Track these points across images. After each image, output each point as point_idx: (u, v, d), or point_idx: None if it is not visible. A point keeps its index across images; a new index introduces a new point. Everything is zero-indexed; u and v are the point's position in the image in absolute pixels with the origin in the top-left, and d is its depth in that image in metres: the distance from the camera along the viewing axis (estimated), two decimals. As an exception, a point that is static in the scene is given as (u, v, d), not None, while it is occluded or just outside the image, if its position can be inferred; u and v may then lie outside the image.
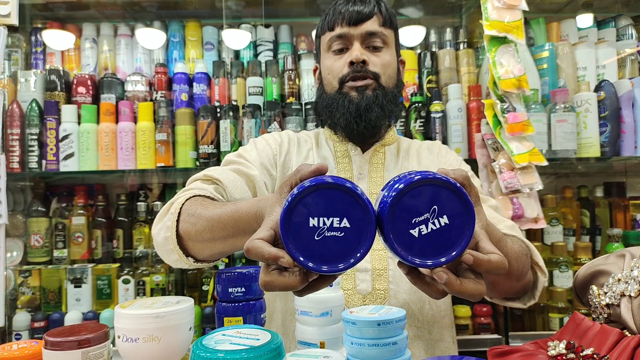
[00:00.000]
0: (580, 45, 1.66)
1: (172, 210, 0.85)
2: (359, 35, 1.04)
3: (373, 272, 0.98)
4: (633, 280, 0.66)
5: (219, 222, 0.78)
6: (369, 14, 1.04)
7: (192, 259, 0.85)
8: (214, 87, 1.68)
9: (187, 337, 0.65)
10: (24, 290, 1.60)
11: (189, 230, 0.82)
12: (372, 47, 1.05)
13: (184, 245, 0.84)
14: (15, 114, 1.58)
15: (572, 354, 0.62)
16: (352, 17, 1.03)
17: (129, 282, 1.59)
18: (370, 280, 0.98)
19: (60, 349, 0.59)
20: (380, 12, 1.05)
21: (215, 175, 0.94)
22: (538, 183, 1.41)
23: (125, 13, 1.85)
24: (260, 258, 0.50)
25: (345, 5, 1.05)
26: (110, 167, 1.59)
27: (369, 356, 0.60)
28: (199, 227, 0.80)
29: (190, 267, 0.87)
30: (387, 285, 0.98)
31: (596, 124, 1.57)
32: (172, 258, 0.87)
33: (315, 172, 0.54)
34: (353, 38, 1.04)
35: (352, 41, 1.05)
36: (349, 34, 1.04)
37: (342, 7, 1.05)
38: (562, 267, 1.57)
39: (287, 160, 1.09)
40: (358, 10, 1.03)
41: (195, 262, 0.86)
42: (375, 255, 1.00)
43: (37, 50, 1.74)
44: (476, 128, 1.56)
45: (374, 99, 1.02)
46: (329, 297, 0.72)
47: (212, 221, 0.79)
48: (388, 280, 0.98)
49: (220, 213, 0.78)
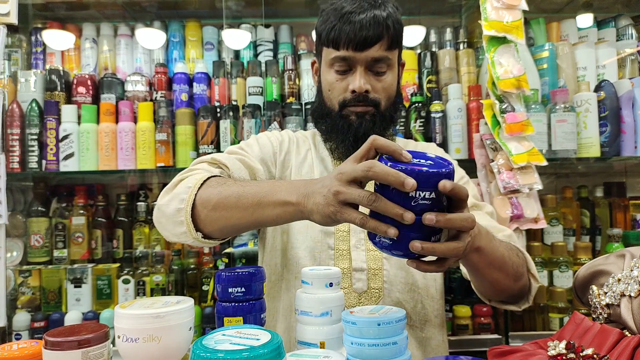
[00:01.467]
0: (580, 45, 1.66)
1: (190, 184, 0.86)
2: (363, 60, 1.00)
3: (368, 272, 1.01)
4: (633, 280, 0.66)
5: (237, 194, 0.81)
6: (377, 39, 0.98)
7: (200, 234, 0.86)
8: (214, 87, 1.68)
9: (187, 337, 0.65)
10: (24, 290, 1.60)
11: (211, 198, 0.83)
12: (375, 71, 1.02)
13: (196, 219, 0.85)
14: (15, 114, 1.58)
15: (572, 354, 0.62)
16: (358, 43, 0.98)
17: (129, 282, 1.59)
18: (366, 280, 1.00)
19: (60, 349, 0.59)
20: (389, 34, 0.99)
21: (223, 160, 0.95)
22: (537, 183, 1.41)
23: (125, 13, 1.85)
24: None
25: (352, 25, 0.97)
26: (110, 167, 1.59)
27: (369, 356, 0.60)
28: (224, 193, 0.82)
29: (195, 242, 0.87)
30: (381, 285, 1.00)
31: (596, 124, 1.57)
32: (177, 230, 0.86)
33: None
34: (357, 63, 1.00)
35: (356, 65, 1.01)
36: (353, 58, 1.00)
37: (348, 26, 0.97)
38: (562, 267, 1.57)
39: (286, 159, 1.10)
40: (365, 36, 0.97)
41: (202, 238, 0.86)
42: (370, 255, 1.02)
43: (37, 50, 1.74)
44: (476, 128, 1.56)
45: (372, 126, 1.02)
46: (329, 297, 0.72)
47: (242, 186, 0.82)
48: (382, 280, 1.01)
49: (247, 184, 0.83)
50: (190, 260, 1.69)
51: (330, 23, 1.01)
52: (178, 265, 1.66)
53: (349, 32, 0.98)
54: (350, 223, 0.66)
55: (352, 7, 0.99)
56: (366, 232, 0.92)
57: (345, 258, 1.01)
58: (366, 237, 1.02)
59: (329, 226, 0.86)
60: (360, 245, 1.02)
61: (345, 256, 1.01)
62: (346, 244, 1.02)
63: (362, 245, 1.02)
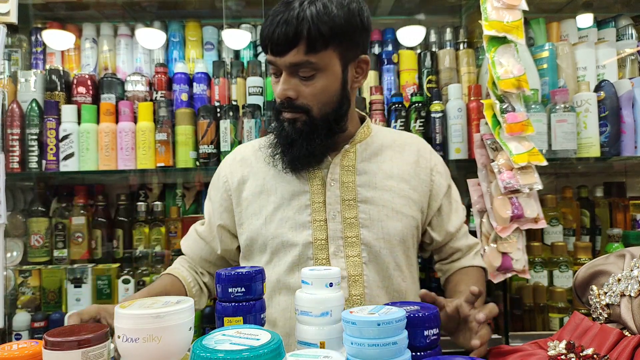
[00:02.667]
0: (580, 45, 1.66)
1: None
2: (285, 65, 0.95)
3: (349, 279, 1.01)
4: (633, 280, 0.66)
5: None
6: (292, 43, 0.92)
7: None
8: (214, 87, 1.68)
9: (187, 337, 0.65)
10: (24, 290, 1.60)
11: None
12: (302, 76, 0.96)
13: None
14: (15, 114, 1.58)
15: (572, 354, 0.62)
16: (275, 48, 0.94)
17: (129, 282, 1.59)
18: (347, 287, 1.00)
19: (60, 349, 0.59)
20: (308, 37, 0.91)
21: (183, 250, 1.19)
22: (538, 183, 1.41)
23: (125, 13, 1.85)
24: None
25: (270, 26, 0.93)
26: (110, 167, 1.59)
27: (369, 356, 0.60)
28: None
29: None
30: (362, 291, 1.01)
31: (596, 124, 1.57)
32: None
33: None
34: (280, 67, 0.96)
35: (280, 69, 0.97)
36: (276, 62, 0.96)
37: (267, 28, 0.94)
38: (562, 267, 1.57)
39: (240, 189, 1.10)
40: (277, 39, 0.92)
41: None
42: (350, 262, 1.01)
43: (37, 50, 1.74)
44: (476, 128, 1.56)
45: (306, 132, 0.98)
46: (329, 297, 0.72)
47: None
48: (363, 286, 1.01)
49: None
50: (190, 260, 1.69)
51: (263, 27, 0.97)
52: (178, 265, 1.66)
53: (266, 36, 0.94)
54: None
55: (280, 6, 0.94)
56: (344, 238, 1.02)
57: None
58: (345, 245, 1.02)
59: None
60: (339, 253, 1.01)
61: (325, 265, 1.01)
62: (325, 253, 1.01)
63: (341, 252, 1.01)
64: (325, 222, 1.02)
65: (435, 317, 0.70)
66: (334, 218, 1.02)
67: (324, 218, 1.02)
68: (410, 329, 0.66)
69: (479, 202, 1.49)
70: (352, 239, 1.02)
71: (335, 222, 1.02)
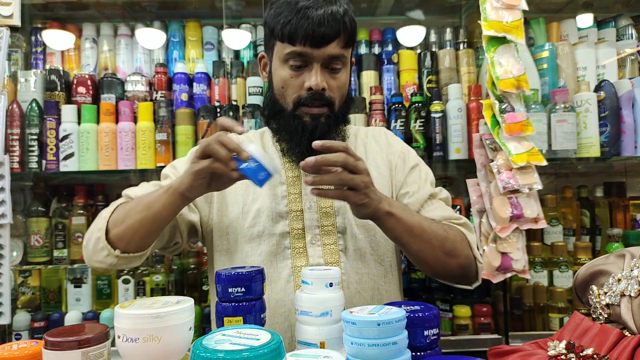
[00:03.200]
0: (580, 45, 1.66)
1: (103, 216, 0.97)
2: (321, 57, 0.98)
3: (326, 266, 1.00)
4: (633, 280, 0.66)
5: (136, 203, 0.94)
6: (334, 36, 0.96)
7: (118, 251, 0.94)
8: (214, 87, 1.68)
9: (187, 337, 0.65)
10: (24, 290, 1.60)
11: (118, 216, 0.95)
12: (331, 68, 1.00)
13: (111, 241, 0.94)
14: (15, 114, 1.58)
15: (572, 354, 0.62)
16: (315, 39, 0.95)
17: (129, 282, 1.59)
18: None
19: (60, 349, 0.59)
20: (346, 32, 0.98)
21: (132, 195, 1.04)
22: (537, 183, 1.41)
23: (125, 13, 1.85)
24: (224, 144, 0.83)
25: (310, 20, 0.94)
26: (110, 167, 1.59)
27: (369, 356, 0.60)
28: (127, 207, 0.95)
29: (118, 261, 0.95)
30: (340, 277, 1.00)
31: (596, 124, 1.57)
32: (101, 256, 0.95)
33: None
34: (313, 59, 0.98)
35: (312, 62, 0.98)
36: (310, 54, 0.97)
37: (305, 21, 0.95)
38: (562, 267, 1.57)
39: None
40: (324, 32, 0.95)
41: (122, 253, 0.94)
42: (326, 249, 1.02)
43: (37, 50, 1.74)
44: (476, 128, 1.55)
45: (327, 128, 1.01)
46: (329, 297, 0.72)
47: (130, 208, 0.94)
48: (340, 273, 0.99)
49: (136, 202, 0.95)
50: (190, 260, 1.69)
51: (285, 17, 0.97)
52: (178, 265, 1.67)
53: (307, 28, 0.95)
54: (206, 170, 0.84)
55: (307, 2, 0.96)
56: (321, 227, 1.03)
57: (302, 256, 1.01)
58: (321, 233, 1.03)
59: (197, 194, 0.91)
60: (315, 241, 1.02)
61: (302, 254, 1.01)
62: (302, 242, 1.02)
63: (318, 241, 1.02)
64: (302, 212, 1.04)
65: (435, 317, 0.70)
66: (309, 208, 1.04)
67: (301, 208, 1.04)
68: (410, 329, 0.66)
69: (478, 202, 1.49)
70: (328, 227, 1.03)
71: (311, 212, 1.04)
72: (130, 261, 0.97)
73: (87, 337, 0.61)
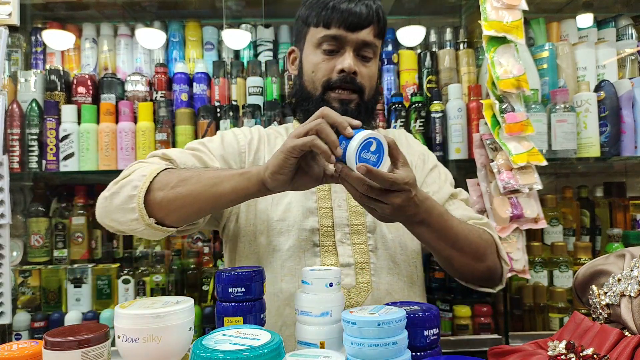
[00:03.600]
0: (580, 45, 1.66)
1: (145, 173, 0.86)
2: (354, 41, 1.00)
3: (356, 267, 0.99)
4: (633, 280, 0.66)
5: (197, 174, 0.85)
6: (369, 22, 1.00)
7: (153, 220, 0.85)
8: (214, 87, 1.68)
9: (187, 337, 0.65)
10: (24, 290, 1.60)
11: (170, 180, 0.84)
12: (362, 56, 1.02)
13: (149, 205, 0.84)
14: (15, 114, 1.58)
15: (572, 354, 0.62)
16: (352, 22, 0.99)
17: (129, 282, 1.59)
18: (354, 275, 0.99)
19: (60, 349, 0.59)
20: (378, 22, 1.02)
21: (173, 156, 0.95)
22: (537, 183, 1.41)
23: (125, 13, 1.85)
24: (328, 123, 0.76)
25: (347, 3, 0.99)
26: (110, 167, 1.59)
27: (369, 356, 0.60)
28: (185, 175, 0.85)
29: (147, 230, 0.86)
30: (369, 278, 0.99)
31: (596, 124, 1.57)
32: (127, 217, 0.85)
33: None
34: (347, 43, 1.00)
35: (345, 46, 1.01)
36: (345, 38, 1.00)
37: (343, 5, 0.99)
38: (562, 267, 1.57)
39: (256, 158, 1.07)
40: (359, 14, 0.99)
41: (155, 223, 0.85)
42: (356, 249, 1.01)
43: (37, 50, 1.74)
44: (476, 128, 1.55)
45: (356, 115, 0.99)
46: (329, 297, 0.72)
47: (189, 176, 0.84)
48: (370, 274, 1.00)
49: (199, 171, 0.86)
50: (190, 260, 1.69)
51: (320, 6, 1.01)
52: (178, 265, 1.67)
53: (343, 11, 0.98)
54: (299, 148, 0.75)
55: None
56: (350, 226, 1.00)
57: (331, 254, 1.00)
58: (351, 232, 1.01)
59: (279, 183, 0.80)
60: (345, 240, 1.00)
61: (331, 252, 1.00)
62: (331, 240, 1.00)
63: (348, 240, 1.00)
64: (331, 210, 1.02)
65: (435, 317, 0.70)
66: (339, 206, 1.02)
67: (330, 206, 1.02)
68: (410, 329, 0.66)
69: (478, 202, 1.49)
70: (358, 226, 1.02)
71: (341, 210, 1.02)
72: (155, 234, 0.88)
73: (87, 337, 0.61)
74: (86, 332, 0.62)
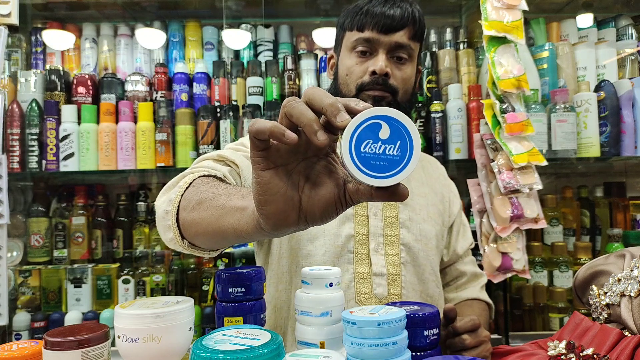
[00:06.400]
0: (580, 45, 1.66)
1: (181, 183, 0.76)
2: (387, 44, 1.00)
3: (388, 277, 0.99)
4: (633, 280, 0.66)
5: (213, 194, 0.67)
6: (402, 24, 0.99)
7: (187, 242, 0.73)
8: (214, 87, 1.68)
9: (187, 337, 0.64)
10: (24, 290, 1.60)
11: (191, 199, 0.71)
12: (397, 57, 1.02)
13: (180, 224, 0.73)
14: (15, 114, 1.58)
15: (572, 354, 0.62)
16: (385, 24, 0.99)
17: (129, 282, 1.59)
18: (386, 285, 0.98)
19: (60, 349, 0.59)
20: (414, 24, 1.01)
21: (230, 157, 0.89)
22: (537, 183, 1.41)
23: (125, 13, 1.85)
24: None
25: (380, 8, 0.99)
26: (110, 167, 1.59)
27: (369, 356, 0.60)
28: (204, 195, 0.69)
29: (183, 250, 0.75)
30: (400, 290, 0.99)
31: (596, 124, 1.57)
32: (167, 236, 0.76)
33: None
34: (380, 45, 1.00)
35: (378, 48, 1.01)
36: (378, 40, 1.00)
37: (377, 8, 0.99)
38: (562, 267, 1.57)
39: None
40: (392, 17, 0.98)
41: (189, 247, 0.74)
42: (389, 260, 1.00)
43: (37, 50, 1.74)
44: (476, 128, 1.56)
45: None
46: (329, 297, 0.72)
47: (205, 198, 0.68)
48: (401, 286, 1.00)
49: (216, 192, 0.67)
50: (190, 260, 1.69)
51: (355, 11, 1.02)
52: (178, 265, 1.67)
53: (377, 15, 0.99)
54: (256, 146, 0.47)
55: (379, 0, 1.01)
56: (385, 236, 0.99)
57: (364, 262, 0.99)
58: (385, 242, 1.00)
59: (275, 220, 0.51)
60: (379, 250, 1.00)
61: (364, 260, 0.99)
62: (365, 248, 0.99)
63: (382, 250, 1.00)
64: (367, 218, 1.01)
65: (435, 317, 0.70)
66: (375, 215, 1.02)
67: (366, 214, 1.02)
68: (410, 329, 0.66)
69: (478, 202, 1.49)
70: (392, 237, 1.01)
71: (376, 219, 1.01)
72: (199, 254, 0.77)
73: (87, 337, 0.61)
74: (86, 332, 0.62)
